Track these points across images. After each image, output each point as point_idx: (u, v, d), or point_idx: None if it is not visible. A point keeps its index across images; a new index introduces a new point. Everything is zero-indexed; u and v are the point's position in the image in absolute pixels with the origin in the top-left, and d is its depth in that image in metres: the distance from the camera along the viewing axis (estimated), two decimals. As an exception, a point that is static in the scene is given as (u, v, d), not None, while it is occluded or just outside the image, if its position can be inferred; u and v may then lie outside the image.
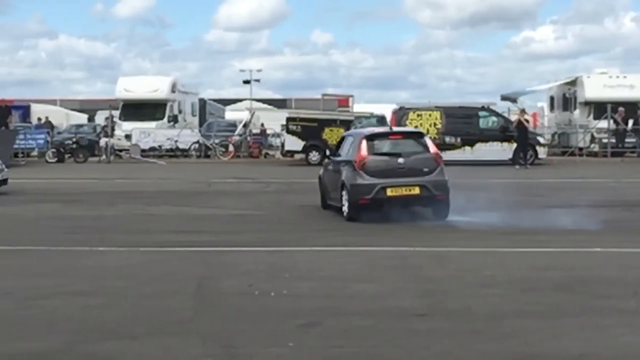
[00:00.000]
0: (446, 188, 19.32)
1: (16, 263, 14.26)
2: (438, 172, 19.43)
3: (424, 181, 19.18)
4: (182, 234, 17.45)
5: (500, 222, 18.47)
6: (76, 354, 8.61)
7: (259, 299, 11.14)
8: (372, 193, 19.08)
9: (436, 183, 19.23)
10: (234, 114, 60.72)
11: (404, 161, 19.38)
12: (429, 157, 19.61)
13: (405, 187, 19.15)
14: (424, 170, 19.31)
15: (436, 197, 19.19)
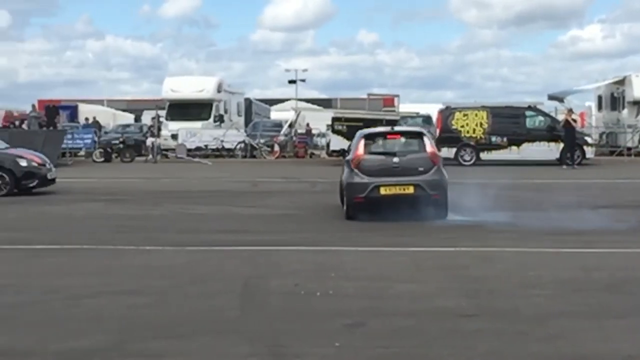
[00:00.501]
0: (442, 188, 19.36)
1: (63, 262, 14.37)
2: (434, 172, 19.42)
3: (418, 180, 19.22)
4: (228, 234, 17.50)
5: (546, 223, 18.35)
6: (123, 353, 8.66)
7: (305, 298, 11.15)
8: (366, 192, 19.24)
9: (431, 182, 19.25)
10: (279, 113, 60.84)
11: (399, 160, 19.50)
12: (424, 157, 19.61)
13: (399, 186, 19.24)
14: (419, 170, 19.35)
15: (431, 197, 19.16)
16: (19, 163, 26.30)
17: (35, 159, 26.98)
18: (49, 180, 26.83)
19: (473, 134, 40.89)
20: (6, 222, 20.01)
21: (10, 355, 8.63)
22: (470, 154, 40.83)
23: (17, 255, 15.04)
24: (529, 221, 18.53)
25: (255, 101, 61.61)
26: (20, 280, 12.61)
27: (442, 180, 19.48)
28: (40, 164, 26.90)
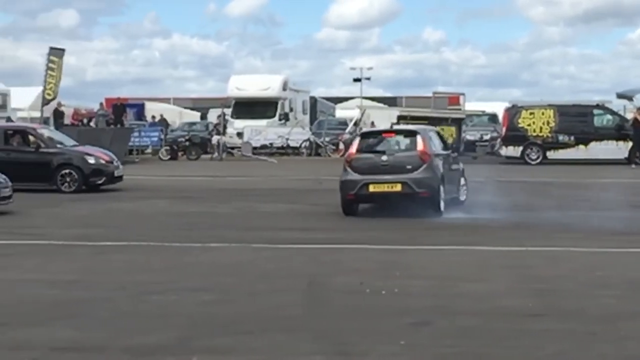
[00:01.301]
0: (431, 185, 19.63)
1: (131, 258, 14.52)
2: (422, 170, 19.72)
3: (405, 178, 19.62)
4: (293, 231, 17.55)
5: (614, 222, 18.14)
6: (190, 349, 8.72)
7: (370, 297, 11.14)
8: (356, 189, 19.83)
9: (419, 180, 19.58)
10: (344, 112, 60.81)
11: (387, 158, 19.97)
12: (413, 155, 19.98)
13: (387, 183, 19.70)
14: (407, 168, 19.75)
15: (419, 194, 19.54)
16: (87, 160, 26.62)
17: (102, 156, 27.29)
18: (116, 177, 27.12)
19: (540, 133, 40.50)
20: (75, 218, 20.27)
21: (79, 350, 8.74)
22: (536, 152, 40.45)
23: (85, 251, 15.22)
24: (596, 221, 18.33)
25: (320, 99, 61.64)
26: (89, 276, 12.77)
27: (431, 178, 19.76)
28: (108, 161, 27.21)
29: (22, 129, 29.03)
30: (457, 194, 21.95)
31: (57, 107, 43.64)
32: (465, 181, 22.57)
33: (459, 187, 22.08)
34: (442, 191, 19.93)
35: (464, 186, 22.46)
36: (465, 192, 22.46)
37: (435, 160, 20.17)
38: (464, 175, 22.63)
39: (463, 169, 22.72)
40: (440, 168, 20.22)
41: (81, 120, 49.00)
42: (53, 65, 43.33)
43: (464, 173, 22.63)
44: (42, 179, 26.15)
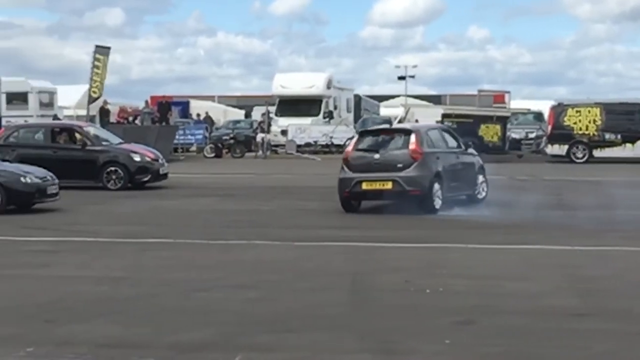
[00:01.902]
0: (421, 184, 19.87)
1: (175, 255, 14.58)
2: (413, 168, 20.02)
3: (396, 176, 19.95)
4: (336, 229, 17.54)
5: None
6: (234, 346, 8.74)
7: (415, 295, 11.11)
8: (350, 186, 20.32)
9: (409, 178, 19.91)
10: (388, 110, 60.69)
11: (379, 157, 20.40)
12: (405, 154, 20.27)
13: (379, 181, 20.08)
14: (398, 166, 20.09)
15: (409, 192, 19.87)
16: (133, 158, 26.78)
17: (148, 154, 27.44)
18: (161, 175, 27.26)
19: (586, 131, 40.17)
20: (120, 216, 20.40)
21: (125, 346, 8.79)
22: (582, 151, 40.12)
23: (131, 248, 15.32)
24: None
25: (365, 97, 61.55)
26: (135, 273, 12.85)
27: (422, 176, 19.97)
28: (153, 159, 27.36)
29: (69, 127, 29.25)
30: (472, 192, 22.09)
31: (103, 105, 43.94)
32: (485, 178, 22.58)
33: (474, 184, 22.17)
34: (436, 189, 20.11)
35: (483, 183, 22.50)
36: (485, 190, 22.46)
37: (428, 159, 20.35)
38: (483, 172, 22.62)
39: (481, 165, 22.71)
40: (435, 166, 20.35)
41: (127, 118, 49.29)
42: (99, 64, 43.63)
43: (482, 170, 22.63)
44: (88, 177, 26.36)
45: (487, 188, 22.50)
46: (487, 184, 22.60)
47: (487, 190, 22.48)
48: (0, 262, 14.00)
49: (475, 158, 22.89)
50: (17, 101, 43.98)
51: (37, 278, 12.53)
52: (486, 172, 22.80)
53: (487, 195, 22.36)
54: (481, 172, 22.57)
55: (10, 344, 8.81)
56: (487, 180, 22.63)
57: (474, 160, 22.70)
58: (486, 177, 22.67)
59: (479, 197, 22.21)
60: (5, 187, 20.19)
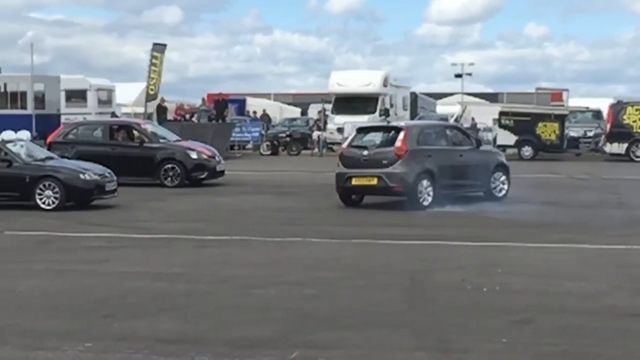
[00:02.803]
0: (405, 180, 20.36)
1: (232, 252, 14.66)
2: (397, 165, 20.53)
3: (380, 173, 20.56)
4: (394, 227, 17.51)
5: None
6: (291, 343, 8.76)
7: (472, 293, 11.07)
8: (342, 182, 21.14)
9: (393, 175, 20.47)
10: (445, 107, 60.44)
11: (367, 153, 20.96)
12: (390, 151, 20.80)
13: (366, 177, 20.78)
14: (383, 163, 20.65)
15: (392, 189, 20.56)
16: (190, 155, 26.95)
17: (205, 151, 27.59)
18: (218, 172, 27.40)
19: (645, 130, 39.72)
20: (177, 213, 20.53)
21: (182, 342, 8.85)
22: (642, 149, 39.68)
23: (188, 245, 15.42)
24: None
25: (421, 95, 61.35)
26: (192, 270, 12.93)
27: (406, 173, 20.46)
28: (210, 156, 27.50)
29: (127, 124, 29.51)
30: (487, 189, 22.25)
31: (161, 103, 44.22)
32: (506, 176, 22.61)
33: (488, 182, 22.27)
34: (425, 186, 20.57)
35: (503, 181, 22.57)
36: (505, 188, 22.55)
37: (415, 156, 20.70)
38: (503, 170, 22.66)
39: (500, 163, 22.75)
40: (424, 164, 20.70)
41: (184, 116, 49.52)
42: (156, 61, 43.97)
43: (501, 168, 22.67)
44: (145, 174, 26.56)
45: (508, 186, 22.59)
46: (509, 181, 22.68)
47: (508, 188, 22.57)
48: (60, 257, 14.17)
49: (491, 156, 23.12)
50: (76, 99, 44.41)
51: (96, 274, 12.66)
52: (511, 170, 22.95)
53: (508, 193, 22.49)
54: (500, 170, 22.69)
55: (69, 339, 8.91)
56: (509, 178, 22.71)
57: (489, 158, 22.86)
58: (508, 175, 22.76)
59: (498, 195, 22.38)
60: (65, 183, 20.41)
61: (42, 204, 20.32)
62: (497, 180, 22.49)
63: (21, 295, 11.16)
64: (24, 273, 12.75)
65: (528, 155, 40.95)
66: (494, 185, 22.43)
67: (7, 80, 40.73)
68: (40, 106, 39.14)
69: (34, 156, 21.69)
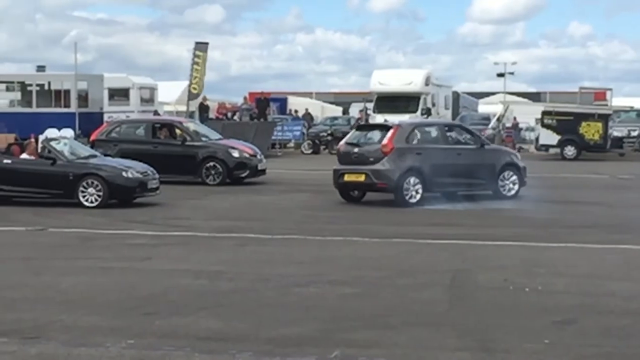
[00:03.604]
0: (389, 178, 20.94)
1: (274, 251, 14.68)
2: (382, 163, 21.11)
3: (366, 170, 21.24)
4: (435, 227, 17.46)
5: None
6: (333, 341, 8.76)
7: (514, 293, 11.01)
8: (337, 178, 21.92)
9: (377, 172, 21.08)
10: (487, 107, 60.17)
11: (358, 150, 21.70)
12: (376, 148, 21.40)
13: (355, 174, 21.47)
14: (370, 160, 21.31)
15: (377, 185, 21.26)
16: (232, 154, 27.03)
17: (246, 149, 27.66)
18: (259, 170, 27.45)
19: (691, 129, 39.37)
20: (219, 211, 20.60)
21: (224, 340, 8.87)
22: (687, 149, 39.33)
23: (230, 243, 15.45)
24: None
25: (463, 94, 61.14)
26: (233, 268, 12.96)
27: (390, 170, 21.00)
28: (252, 154, 27.56)
29: (169, 123, 29.64)
30: (493, 188, 22.34)
31: (203, 101, 44.41)
32: (517, 176, 22.61)
33: (494, 181, 22.34)
34: (412, 184, 21.02)
35: (513, 181, 22.58)
36: (515, 187, 22.56)
37: (401, 154, 21.20)
38: (514, 170, 22.66)
39: (510, 162, 22.75)
40: (411, 161, 21.15)
41: (225, 114, 49.69)
42: (198, 60, 44.12)
43: (511, 168, 22.67)
44: (187, 172, 26.68)
45: (519, 186, 22.58)
46: (522, 181, 22.69)
47: (519, 188, 22.57)
48: (103, 255, 14.26)
49: (498, 155, 23.10)
50: (119, 97, 44.70)
51: (138, 271, 12.73)
52: (525, 170, 22.97)
53: (518, 192, 22.51)
54: (510, 169, 22.69)
55: (112, 336, 8.97)
56: (521, 178, 22.70)
57: (496, 157, 22.85)
58: (521, 175, 22.73)
59: (507, 194, 22.40)
60: (108, 181, 20.55)
61: (85, 202, 20.47)
62: (506, 179, 22.55)
63: (65, 292, 11.24)
64: (68, 270, 12.86)
65: (571, 155, 40.70)
66: (503, 184, 22.49)
67: (51, 78, 41.03)
68: (83, 104, 39.39)
69: (77, 154, 21.85)
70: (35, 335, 9.04)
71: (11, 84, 41.55)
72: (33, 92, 40.30)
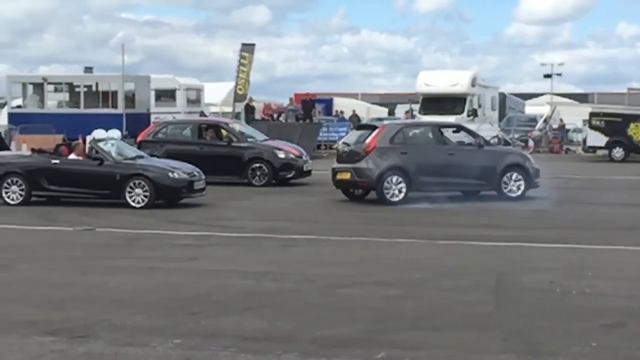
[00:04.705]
0: (369, 176, 21.66)
1: (319, 251, 14.70)
2: (363, 161, 21.81)
3: (351, 168, 22.04)
4: (478, 228, 17.38)
5: None
6: (377, 342, 8.76)
7: (560, 296, 10.94)
8: (332, 176, 22.85)
9: (359, 170, 21.86)
10: (534, 108, 59.81)
11: (347, 149, 22.74)
12: (360, 148, 22.17)
13: (343, 172, 22.31)
14: (355, 159, 22.09)
15: (359, 183, 22.16)
16: (277, 155, 27.09)
17: (292, 150, 27.71)
18: (305, 171, 27.49)
19: None
20: (265, 212, 20.65)
21: (269, 340, 8.90)
22: None
23: (274, 244, 15.49)
24: None
25: (510, 95, 60.81)
26: (278, 268, 12.99)
27: (370, 169, 21.71)
28: (297, 155, 27.60)
29: (215, 124, 29.75)
30: (493, 189, 22.36)
31: (248, 102, 44.55)
32: (523, 177, 22.46)
33: (494, 182, 22.34)
34: (394, 182, 21.56)
35: (517, 181, 22.45)
36: (520, 188, 22.41)
37: (383, 153, 21.83)
38: (519, 171, 22.52)
39: (514, 164, 22.60)
40: (393, 160, 21.70)
41: (271, 115, 49.85)
42: (244, 61, 44.28)
43: (516, 169, 22.54)
44: (233, 173, 26.79)
45: (524, 187, 22.47)
46: (530, 183, 22.55)
47: (524, 190, 22.44)
48: (150, 255, 14.37)
49: (501, 156, 23.03)
50: (166, 98, 44.96)
51: (184, 271, 12.80)
52: (533, 172, 22.79)
53: (524, 194, 22.41)
54: (515, 170, 22.61)
55: (159, 335, 9.03)
56: (529, 179, 22.56)
57: (496, 158, 22.77)
58: (528, 176, 22.60)
59: (511, 195, 22.33)
60: (154, 182, 20.68)
61: (132, 202, 20.61)
62: (510, 180, 22.45)
63: (112, 292, 11.33)
64: (115, 270, 12.96)
65: (619, 156, 40.33)
66: (507, 185, 22.41)
67: (98, 79, 41.35)
68: (130, 105, 39.65)
69: (124, 155, 22.00)
70: (83, 334, 9.13)
71: (59, 85, 41.90)
72: (81, 93, 40.64)
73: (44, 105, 40.95)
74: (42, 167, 21.38)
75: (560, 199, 22.40)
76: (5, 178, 21.35)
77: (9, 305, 10.60)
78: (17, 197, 21.25)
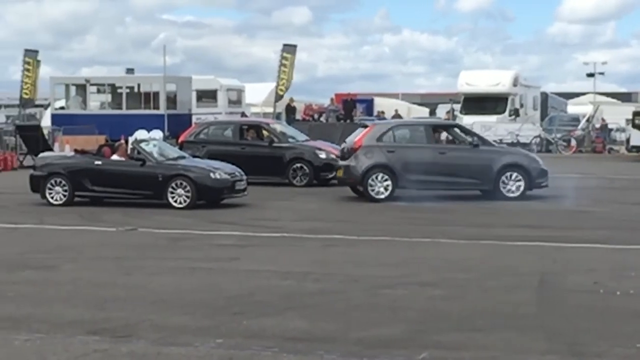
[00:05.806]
0: (353, 174, 22.50)
1: (361, 252, 14.67)
2: (351, 159, 22.63)
3: (342, 165, 23.05)
4: (521, 228, 17.29)
5: None
6: (421, 343, 8.73)
7: (604, 297, 10.85)
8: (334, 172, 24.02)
9: (347, 168, 22.71)
10: (576, 107, 59.44)
11: (343, 147, 23.79)
12: (351, 146, 22.95)
13: (339, 169, 23.28)
14: (346, 157, 23.01)
15: (346, 180, 23.04)
16: (318, 155, 27.10)
17: (333, 151, 27.65)
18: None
19: None
20: (306, 212, 20.66)
21: (312, 341, 8.90)
22: None
23: (317, 244, 15.49)
24: None
25: (551, 95, 60.49)
26: (320, 268, 12.98)
27: (355, 167, 22.49)
28: (338, 156, 27.55)
29: (256, 124, 29.83)
30: (489, 188, 22.30)
31: (289, 103, 44.65)
32: (523, 178, 22.29)
33: (490, 181, 22.26)
34: (379, 180, 22.19)
35: (518, 182, 22.28)
36: (520, 188, 22.23)
37: (369, 152, 22.46)
38: (519, 171, 22.35)
39: (512, 164, 22.44)
40: (379, 159, 22.30)
41: (312, 116, 49.90)
42: (286, 62, 44.37)
43: (515, 169, 22.38)
44: (274, 173, 26.84)
45: (523, 187, 22.29)
46: (529, 183, 22.33)
47: (523, 190, 22.27)
48: (192, 255, 14.42)
49: (497, 156, 22.77)
50: (207, 99, 45.15)
51: (226, 271, 12.83)
52: (535, 173, 22.55)
53: (524, 194, 22.24)
54: (514, 170, 22.45)
55: (201, 335, 9.06)
56: (528, 179, 22.35)
57: (493, 157, 22.60)
58: (529, 176, 22.42)
59: (509, 195, 22.20)
60: (196, 182, 20.76)
61: (174, 203, 20.71)
62: (509, 179, 22.31)
63: (154, 292, 11.38)
64: (157, 270, 13.02)
65: (663, 156, 39.96)
66: (505, 185, 22.29)
67: (140, 80, 41.62)
68: (172, 106, 39.88)
69: (166, 155, 22.11)
70: (126, 334, 9.18)
71: (102, 86, 42.23)
72: (123, 94, 40.93)
73: (86, 106, 41.32)
74: (85, 167, 21.54)
75: (603, 200, 22.24)
76: (49, 179, 21.53)
77: (54, 305, 10.69)
78: (60, 197, 21.44)
